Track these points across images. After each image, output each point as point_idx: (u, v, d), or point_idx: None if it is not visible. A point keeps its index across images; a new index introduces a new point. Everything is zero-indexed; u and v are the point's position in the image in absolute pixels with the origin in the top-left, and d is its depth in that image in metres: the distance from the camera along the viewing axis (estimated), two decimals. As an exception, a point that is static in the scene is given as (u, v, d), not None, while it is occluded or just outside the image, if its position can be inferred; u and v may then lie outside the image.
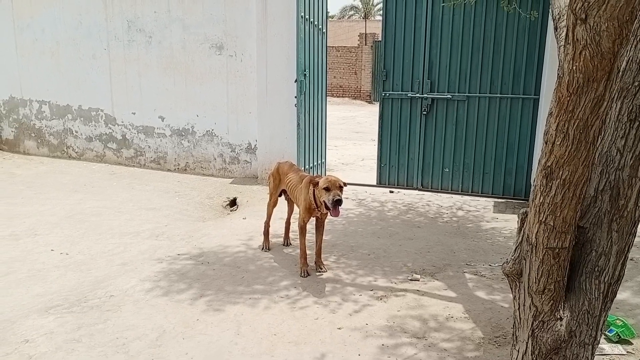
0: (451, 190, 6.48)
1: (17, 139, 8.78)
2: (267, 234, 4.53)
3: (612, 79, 1.73)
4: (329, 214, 3.77)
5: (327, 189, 3.63)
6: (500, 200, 6.23)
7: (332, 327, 3.19)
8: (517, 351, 2.30)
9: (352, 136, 12.01)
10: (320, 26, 6.79)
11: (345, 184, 3.74)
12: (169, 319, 3.25)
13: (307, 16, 6.35)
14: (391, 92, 6.49)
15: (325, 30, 6.97)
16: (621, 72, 1.97)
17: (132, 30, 7.50)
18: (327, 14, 7.09)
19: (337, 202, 3.59)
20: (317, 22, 6.67)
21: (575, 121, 1.81)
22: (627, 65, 1.98)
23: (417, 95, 6.35)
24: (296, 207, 4.25)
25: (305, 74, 6.45)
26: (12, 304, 3.44)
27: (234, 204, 6.20)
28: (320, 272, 4.02)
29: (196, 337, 3.04)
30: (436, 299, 3.60)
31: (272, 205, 4.50)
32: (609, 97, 1.77)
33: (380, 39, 9.20)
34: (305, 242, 3.99)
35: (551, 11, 2.78)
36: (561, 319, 2.13)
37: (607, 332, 3.03)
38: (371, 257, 4.36)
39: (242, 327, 3.16)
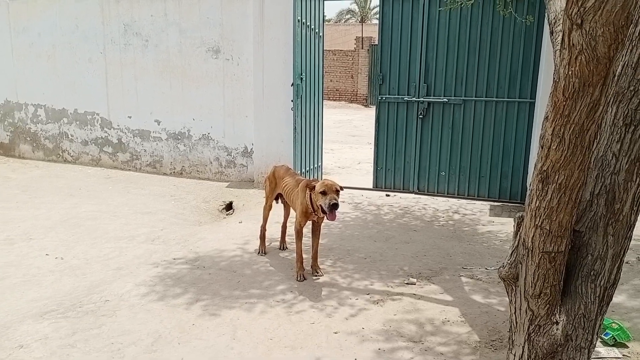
0: (447, 193, 6.49)
1: (12, 143, 8.75)
2: (263, 237, 4.52)
3: (608, 84, 1.74)
4: (325, 217, 3.76)
5: (324, 193, 3.63)
6: (496, 203, 6.24)
7: (328, 331, 3.18)
8: (514, 355, 2.30)
9: (349, 140, 12.02)
10: (316, 30, 6.80)
11: (341, 188, 3.74)
12: (164, 323, 3.24)
13: (303, 20, 6.36)
14: (387, 96, 6.50)
15: (321, 34, 6.98)
16: (617, 77, 1.98)
17: (129, 33, 7.49)
18: (323, 18, 7.10)
19: (334, 206, 3.59)
20: (313, 26, 6.68)
21: (571, 125, 1.81)
22: (622, 69, 1.99)
23: (414, 99, 6.36)
24: (292, 211, 4.25)
25: (301, 78, 6.45)
26: (6, 309, 3.42)
27: (230, 207, 6.19)
28: (316, 276, 4.01)
29: (192, 342, 3.03)
30: (432, 303, 3.59)
31: (268, 209, 4.49)
32: (605, 101, 1.78)
33: (376, 43, 9.20)
34: (301, 246, 3.98)
35: (547, 15, 2.79)
36: (557, 323, 2.13)
37: (603, 336, 3.03)
38: (367, 261, 4.35)
39: (238, 332, 3.15)
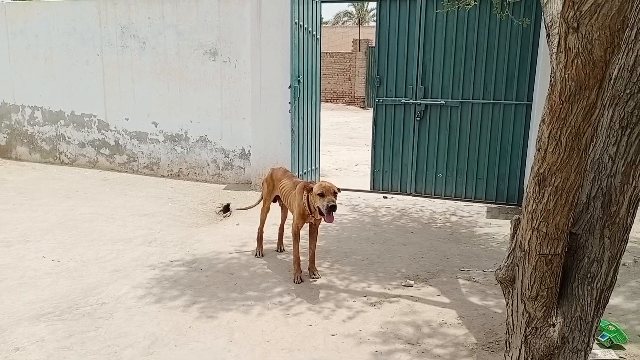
0: (444, 195, 6.49)
1: (9, 145, 8.73)
2: (260, 240, 4.52)
3: (604, 87, 1.75)
4: (322, 219, 3.77)
5: (322, 195, 3.63)
6: (493, 205, 6.25)
7: (325, 333, 3.18)
8: (510, 357, 2.30)
9: (346, 142, 12.02)
10: (314, 32, 6.81)
11: (339, 190, 3.74)
12: (161, 326, 3.23)
13: (301, 22, 6.37)
14: (385, 98, 6.51)
15: (319, 36, 6.98)
16: (613, 80, 1.99)
17: (126, 36, 7.49)
18: (321, 21, 7.11)
19: (332, 208, 3.59)
20: (311, 29, 6.69)
21: (567, 128, 1.82)
22: (618, 72, 1.99)
23: (411, 101, 6.37)
24: (290, 213, 4.25)
25: (299, 80, 6.46)
26: (2, 312, 3.41)
27: (227, 210, 6.19)
28: (313, 278, 4.01)
29: (189, 344, 3.03)
30: (430, 305, 3.60)
31: (265, 211, 4.49)
32: (601, 104, 1.79)
33: (374, 45, 9.22)
34: (299, 248, 3.98)
35: (544, 18, 2.80)
36: (554, 325, 2.13)
37: (599, 338, 3.04)
38: (365, 263, 4.35)
39: (235, 334, 3.15)
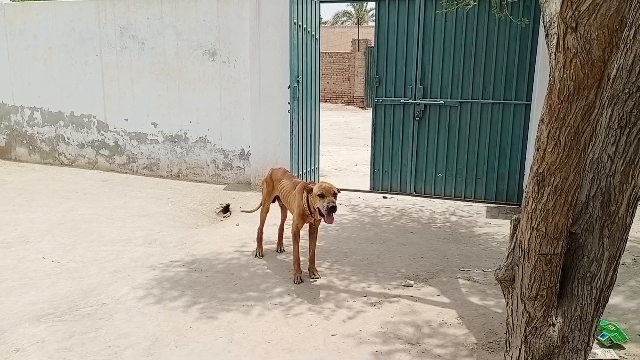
0: (444, 195, 6.50)
1: (9, 146, 8.72)
2: (260, 240, 4.52)
3: (603, 87, 1.75)
4: (322, 220, 3.77)
5: (322, 196, 3.63)
6: (493, 205, 6.25)
7: (325, 333, 3.18)
8: (510, 357, 2.31)
9: (346, 142, 12.02)
10: (313, 32, 6.81)
11: (339, 191, 3.74)
12: (161, 326, 3.23)
13: (300, 22, 6.37)
14: (384, 98, 6.51)
15: (318, 36, 6.98)
16: (611, 80, 1.99)
17: (125, 36, 7.48)
18: (320, 21, 7.11)
19: (332, 209, 3.59)
20: (310, 29, 6.69)
21: (566, 128, 1.82)
22: (617, 72, 2.00)
23: (410, 101, 6.37)
24: (289, 213, 4.25)
25: (298, 80, 6.46)
26: (3, 313, 3.41)
27: (227, 210, 6.19)
28: (313, 278, 4.01)
29: (189, 345, 3.03)
30: (430, 305, 3.60)
31: (265, 211, 4.49)
32: (600, 104, 1.79)
33: (373, 45, 9.23)
34: (298, 249, 3.98)
35: (542, 18, 2.81)
36: (554, 325, 2.13)
37: (599, 337, 3.04)
38: (365, 263, 4.36)
39: (235, 335, 3.15)
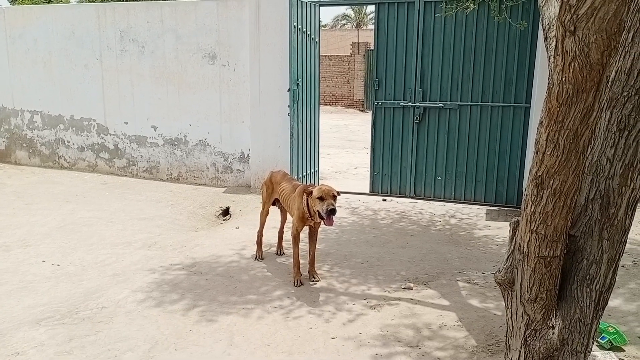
0: (444, 198, 6.50)
1: (9, 149, 8.73)
2: (260, 243, 4.52)
3: (601, 90, 1.75)
4: (322, 223, 3.77)
5: (321, 199, 3.63)
6: (492, 208, 6.26)
7: (325, 336, 3.18)
8: (510, 359, 2.31)
9: (345, 144, 12.02)
10: (313, 36, 6.82)
11: (338, 193, 3.75)
12: (161, 330, 3.23)
13: (299, 26, 6.39)
14: (384, 101, 6.52)
15: (318, 39, 7.00)
16: (610, 83, 2.00)
17: (125, 40, 7.50)
18: (319, 24, 7.13)
19: (331, 212, 3.59)
20: (309, 32, 6.70)
21: (565, 131, 1.83)
22: (616, 75, 2.00)
23: (410, 104, 6.38)
24: (289, 216, 4.25)
25: (298, 83, 6.47)
26: (2, 316, 3.40)
27: (226, 213, 6.19)
28: (313, 281, 4.01)
29: (189, 348, 3.03)
30: (429, 308, 3.60)
31: (265, 214, 4.50)
32: (599, 107, 1.80)
33: (372, 48, 9.24)
34: (298, 252, 3.98)
35: (541, 21, 2.81)
36: (553, 327, 2.14)
37: (599, 340, 3.04)
38: (364, 266, 4.36)
39: (235, 338, 3.15)
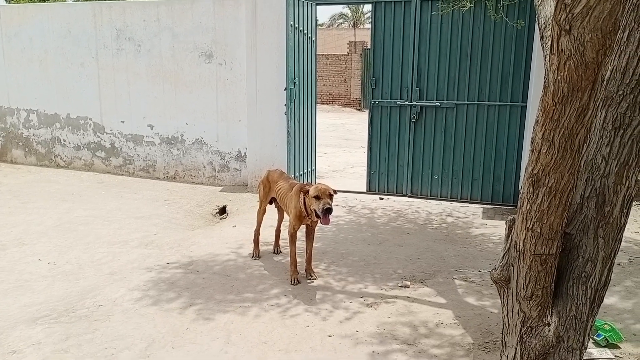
0: (440, 196, 6.51)
1: (4, 148, 8.70)
2: (257, 241, 4.53)
3: (597, 88, 1.76)
4: (319, 221, 3.77)
5: (318, 197, 3.64)
6: (489, 206, 6.27)
7: (322, 334, 3.19)
8: (506, 357, 2.32)
9: (342, 143, 12.03)
10: (309, 35, 6.82)
11: (335, 192, 3.75)
12: (158, 328, 3.23)
13: (296, 25, 6.38)
14: (380, 100, 6.53)
15: (314, 38, 6.99)
16: (605, 81, 2.01)
17: (121, 38, 7.48)
18: (316, 23, 7.12)
19: (328, 211, 3.60)
20: (306, 31, 6.70)
21: (560, 130, 1.84)
22: (611, 74, 2.01)
23: (406, 102, 6.39)
24: (286, 215, 4.25)
25: (295, 82, 6.47)
26: (-2, 315, 3.40)
27: (223, 212, 6.19)
28: (310, 279, 4.02)
29: (186, 347, 3.03)
30: (426, 305, 3.61)
31: (262, 213, 4.50)
32: (594, 105, 1.81)
33: (369, 47, 9.24)
34: (295, 250, 3.99)
35: (537, 20, 2.82)
36: (549, 325, 2.15)
37: (595, 337, 3.06)
38: (361, 264, 4.36)
39: (232, 336, 3.15)
